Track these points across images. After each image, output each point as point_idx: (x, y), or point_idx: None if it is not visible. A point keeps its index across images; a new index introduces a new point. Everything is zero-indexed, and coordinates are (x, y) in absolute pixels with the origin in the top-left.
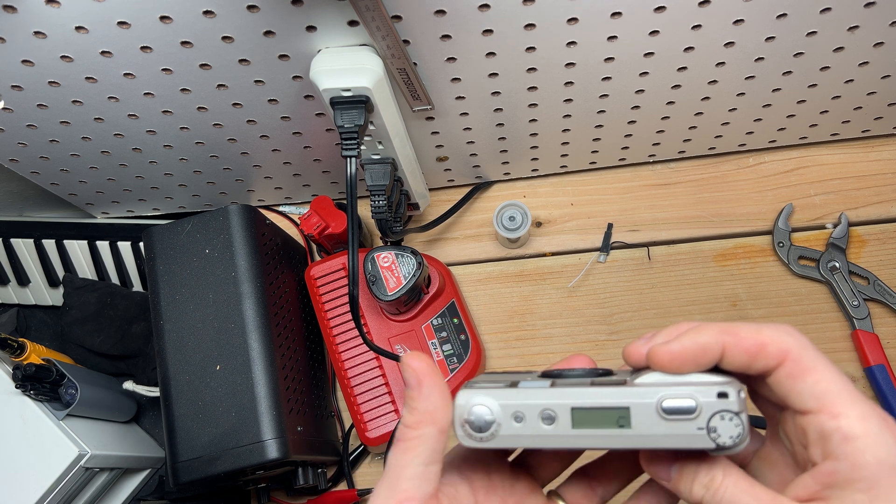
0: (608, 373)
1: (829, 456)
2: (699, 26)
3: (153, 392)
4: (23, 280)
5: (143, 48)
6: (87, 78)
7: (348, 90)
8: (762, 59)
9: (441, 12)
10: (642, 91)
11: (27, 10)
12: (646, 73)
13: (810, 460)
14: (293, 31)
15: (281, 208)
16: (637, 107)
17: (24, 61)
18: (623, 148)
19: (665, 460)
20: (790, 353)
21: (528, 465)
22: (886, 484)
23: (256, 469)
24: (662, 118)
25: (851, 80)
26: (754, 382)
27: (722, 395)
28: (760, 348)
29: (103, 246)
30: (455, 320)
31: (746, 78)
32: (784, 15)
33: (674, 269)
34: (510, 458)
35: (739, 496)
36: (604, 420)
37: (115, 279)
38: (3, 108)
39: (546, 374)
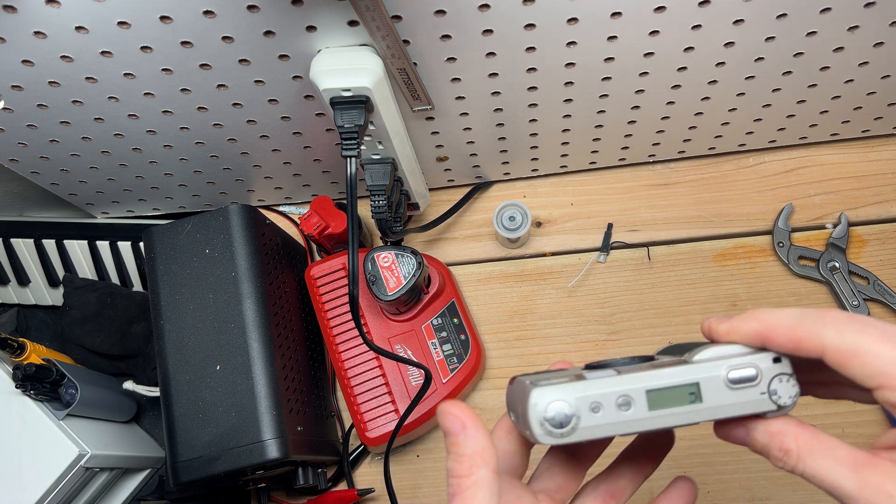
0: (649, 358)
1: None
2: (699, 26)
3: (153, 392)
4: (23, 280)
5: (143, 48)
6: (87, 78)
7: (348, 90)
8: (762, 59)
9: (441, 12)
10: (642, 91)
11: (27, 10)
12: (646, 73)
13: None
14: (293, 31)
15: (281, 208)
16: (637, 107)
17: (24, 61)
18: (623, 148)
19: (738, 436)
20: (827, 347)
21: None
22: None
23: (256, 469)
24: (662, 118)
25: (851, 80)
26: None
27: (776, 360)
28: (797, 344)
29: (103, 246)
30: (455, 320)
31: (746, 78)
32: (784, 15)
33: (674, 269)
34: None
35: (819, 462)
36: (677, 399)
37: (115, 279)
38: (3, 108)
39: (591, 367)
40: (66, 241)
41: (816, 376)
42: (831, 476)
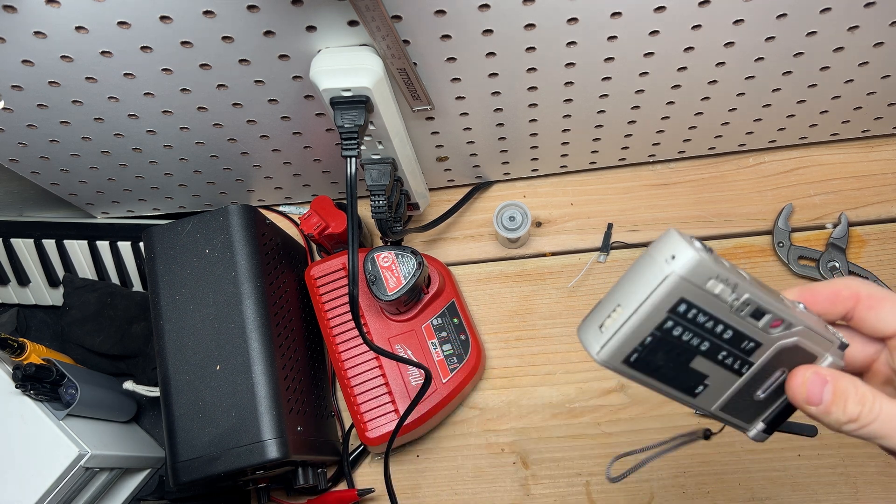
0: None
1: None
2: (699, 26)
3: (153, 392)
4: (23, 280)
5: (143, 48)
6: (87, 78)
7: (348, 90)
8: (762, 59)
9: (441, 12)
10: (642, 91)
11: (27, 10)
12: (646, 73)
13: None
14: (293, 31)
15: (281, 208)
16: (637, 107)
17: (24, 61)
18: (623, 148)
19: (817, 384)
20: (861, 292)
21: None
22: None
23: (256, 469)
24: (662, 118)
25: (851, 80)
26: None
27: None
28: (836, 294)
29: (103, 246)
30: (455, 320)
31: (746, 78)
32: (784, 15)
33: None
34: None
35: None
36: (772, 293)
37: (115, 279)
38: (3, 108)
39: None
40: (66, 241)
41: None
42: None
